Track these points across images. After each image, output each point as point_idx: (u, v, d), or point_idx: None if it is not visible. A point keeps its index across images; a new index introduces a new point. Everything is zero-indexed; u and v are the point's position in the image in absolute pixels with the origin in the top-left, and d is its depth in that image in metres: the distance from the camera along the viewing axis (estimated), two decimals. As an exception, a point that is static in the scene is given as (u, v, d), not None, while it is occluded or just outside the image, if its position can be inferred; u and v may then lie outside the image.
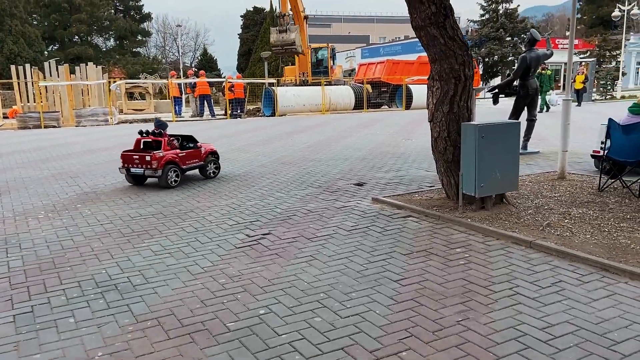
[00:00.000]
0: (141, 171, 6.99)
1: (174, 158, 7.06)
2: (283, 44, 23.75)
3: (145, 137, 7.46)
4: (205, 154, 7.66)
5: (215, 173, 7.80)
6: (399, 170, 8.05)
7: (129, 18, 68.69)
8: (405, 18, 28.07)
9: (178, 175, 7.15)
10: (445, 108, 5.26)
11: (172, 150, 7.14)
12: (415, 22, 5.21)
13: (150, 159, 6.83)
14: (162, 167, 6.87)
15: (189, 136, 7.77)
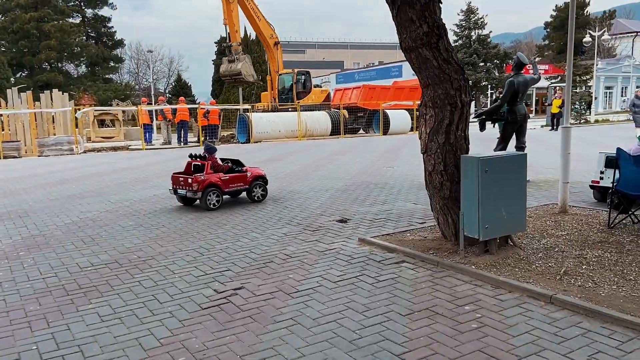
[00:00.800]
0: (185, 192, 7.38)
1: (216, 181, 7.36)
2: (231, 74, 23.83)
3: (195, 160, 7.81)
4: (252, 178, 7.79)
5: (262, 197, 7.87)
6: (384, 202, 7.43)
7: (101, 44, 67.72)
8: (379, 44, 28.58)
9: (219, 196, 7.38)
10: (441, 138, 4.67)
11: (216, 173, 7.43)
12: (405, 43, 4.65)
13: (192, 182, 7.22)
14: (203, 190, 7.20)
15: (236, 160, 8.04)
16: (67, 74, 61.96)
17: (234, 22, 23.52)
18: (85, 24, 68.38)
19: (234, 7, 23.50)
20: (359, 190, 8.55)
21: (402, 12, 4.56)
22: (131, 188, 9.57)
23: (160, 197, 8.51)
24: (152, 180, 10.51)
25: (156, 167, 12.95)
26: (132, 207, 7.66)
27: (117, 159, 16.06)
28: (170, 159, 15.22)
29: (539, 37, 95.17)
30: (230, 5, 23.38)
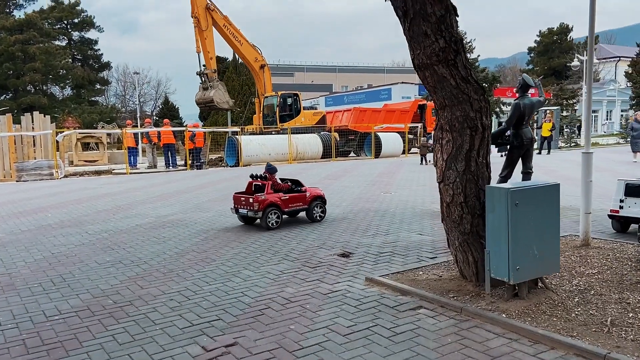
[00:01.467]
0: (246, 212, 7.47)
1: (276, 201, 7.43)
2: (204, 101, 23.59)
3: (255, 181, 7.91)
4: (311, 198, 7.83)
5: (321, 217, 7.90)
6: (387, 233, 6.87)
7: (87, 67, 67.22)
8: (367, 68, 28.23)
9: (279, 217, 7.44)
10: (460, 166, 4.15)
11: (276, 193, 7.52)
12: (418, 59, 4.16)
13: (253, 201, 7.33)
14: (263, 209, 7.26)
15: (296, 180, 8.13)
16: (51, 97, 61.15)
17: (207, 49, 23.22)
18: (71, 47, 67.95)
19: (208, 34, 23.24)
20: (359, 219, 7.98)
21: (415, 25, 4.08)
22: (112, 217, 8.90)
23: (143, 227, 7.85)
24: (135, 208, 9.85)
25: (140, 193, 12.28)
26: (112, 240, 7.00)
27: (99, 184, 15.34)
28: (155, 184, 14.56)
29: (522, 62, 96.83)
30: (204, 33, 23.06)
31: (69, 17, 65.96)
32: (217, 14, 23.81)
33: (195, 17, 23.08)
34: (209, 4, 23.35)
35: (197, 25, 23.12)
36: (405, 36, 4.22)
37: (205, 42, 23.12)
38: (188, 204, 10.26)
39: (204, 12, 23.09)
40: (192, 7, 23.14)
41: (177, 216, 8.78)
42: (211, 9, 23.41)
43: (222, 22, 24.10)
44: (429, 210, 8.62)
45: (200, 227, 7.70)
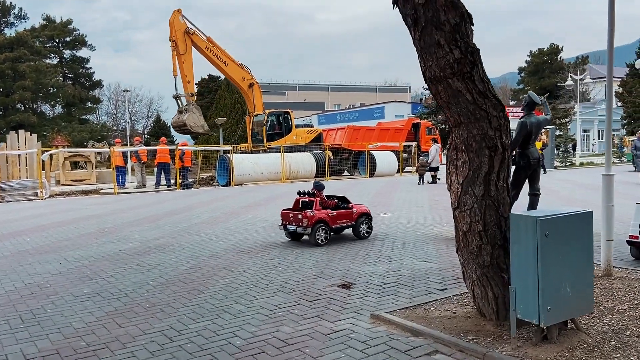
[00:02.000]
0: (295, 228, 7.52)
1: (324, 217, 7.46)
2: (179, 124, 23.28)
3: (303, 197, 7.93)
4: (357, 215, 7.82)
5: (367, 233, 7.90)
6: (390, 260, 6.39)
7: (79, 85, 66.81)
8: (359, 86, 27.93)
9: (327, 234, 7.47)
10: (479, 190, 3.71)
11: (324, 210, 7.56)
12: (430, 72, 3.75)
13: (302, 217, 7.36)
14: (312, 226, 7.30)
15: (343, 197, 8.16)
16: (41, 115, 60.57)
17: (185, 73, 22.90)
18: (62, 65, 67.62)
19: (186, 57, 22.92)
20: (358, 243, 7.50)
21: (427, 34, 3.68)
22: (94, 241, 8.35)
23: (127, 253, 7.32)
24: (121, 231, 9.30)
25: (127, 215, 11.73)
26: (92, 268, 6.46)
27: (85, 204, 14.77)
28: (143, 205, 14.02)
29: (512, 82, 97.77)
30: (182, 56, 22.71)
31: (61, 35, 65.74)
32: (197, 37, 23.47)
33: (173, 40, 22.74)
34: (188, 28, 23.07)
35: (174, 48, 22.77)
36: (416, 47, 3.82)
37: (182, 65, 22.78)
38: (176, 226, 9.74)
39: (182, 36, 22.81)
40: (171, 31, 22.84)
41: (164, 240, 8.26)
42: (191, 33, 23.09)
43: (205, 45, 23.81)
44: (432, 234, 8.16)
45: (188, 253, 7.18)
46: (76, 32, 67.72)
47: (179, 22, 22.86)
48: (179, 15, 23.07)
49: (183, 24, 22.99)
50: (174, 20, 22.85)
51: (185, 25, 23.04)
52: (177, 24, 22.82)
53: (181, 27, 22.88)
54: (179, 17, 23.03)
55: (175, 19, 22.89)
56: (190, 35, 23.09)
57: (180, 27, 22.84)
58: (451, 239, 7.69)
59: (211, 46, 24.12)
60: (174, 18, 22.90)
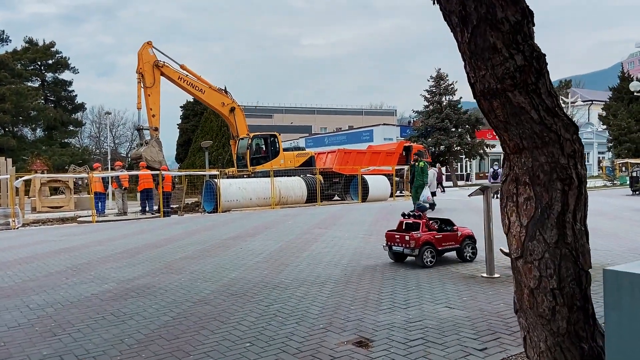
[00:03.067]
0: (401, 249, 7.66)
1: (431, 239, 7.54)
2: (136, 157, 22.64)
3: (407, 219, 8.04)
4: (462, 238, 7.88)
5: (472, 256, 7.92)
6: (406, 304, 5.51)
7: (60, 108, 65.57)
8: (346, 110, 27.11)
9: (434, 256, 7.52)
10: (550, 235, 2.88)
11: (431, 232, 7.63)
12: (482, 84, 2.95)
13: (409, 239, 7.49)
14: (419, 247, 7.41)
15: (447, 220, 8.18)
16: (21, 138, 59.04)
17: (150, 106, 22.04)
18: (44, 88, 66.44)
19: (153, 91, 22.05)
20: (366, 283, 6.60)
21: (480, 35, 2.89)
22: (64, 282, 7.33)
23: (100, 297, 6.32)
24: (94, 269, 8.28)
25: (104, 248, 10.69)
26: (57, 318, 5.46)
27: (59, 235, 13.66)
28: (123, 236, 12.96)
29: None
30: (148, 90, 21.83)
31: (43, 58, 64.74)
32: (168, 69, 22.64)
33: (139, 72, 21.87)
34: (158, 61, 22.23)
35: (140, 81, 21.88)
36: (463, 52, 3.02)
37: (148, 99, 21.90)
38: (157, 262, 8.74)
39: (150, 68, 21.94)
40: (139, 63, 21.96)
41: (144, 280, 7.27)
42: (160, 66, 22.26)
43: (177, 75, 23.01)
44: (446, 270, 7.31)
45: (171, 298, 6.21)
46: (59, 54, 66.76)
47: (147, 55, 22.03)
48: (149, 47, 22.24)
49: (152, 56, 22.19)
50: (142, 52, 22.02)
51: (154, 58, 22.21)
52: (146, 56, 21.97)
53: (150, 59, 22.05)
54: (149, 49, 22.19)
55: (144, 51, 22.04)
56: (160, 67, 22.22)
57: (149, 59, 22.01)
58: (470, 276, 6.86)
59: (184, 76, 23.26)
60: (143, 50, 22.06)
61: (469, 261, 7.83)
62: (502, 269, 7.09)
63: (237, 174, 23.98)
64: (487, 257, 6.79)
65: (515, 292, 3.15)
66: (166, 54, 22.92)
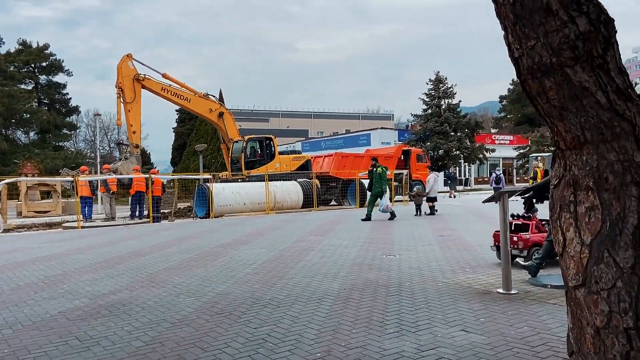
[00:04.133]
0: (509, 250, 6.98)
1: (540, 241, 7.28)
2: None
3: (516, 220, 7.84)
4: None
5: None
6: (416, 327, 4.79)
7: (54, 111, 64.74)
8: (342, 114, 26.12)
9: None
10: (624, 258, 2.17)
11: (539, 233, 7.45)
12: (531, 57, 2.25)
13: (517, 240, 7.40)
14: (528, 248, 7.30)
15: None
16: (13, 141, 58.12)
17: (131, 122, 21.10)
18: (38, 90, 65.59)
19: (133, 106, 21.10)
20: (368, 300, 5.87)
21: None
22: (31, 297, 6.57)
23: (68, 316, 5.56)
24: (68, 281, 7.52)
25: (83, 257, 9.93)
26: (14, 342, 4.71)
27: (40, 241, 12.88)
28: (106, 243, 12.20)
29: (492, 110, 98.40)
30: (128, 105, 20.88)
31: (37, 60, 63.96)
32: (150, 81, 21.69)
33: (119, 87, 20.95)
34: (138, 74, 21.27)
35: (120, 95, 20.96)
36: (504, 16, 2.32)
37: (128, 114, 20.95)
38: (139, 273, 7.98)
39: (130, 83, 20.98)
40: (118, 77, 20.97)
41: (120, 295, 6.52)
42: (141, 79, 21.30)
43: (160, 87, 22.06)
44: (456, 284, 6.59)
45: (147, 317, 5.46)
46: (53, 57, 65.97)
47: (127, 68, 21.06)
48: (129, 60, 21.23)
49: (132, 70, 21.22)
50: (122, 65, 21.02)
51: (134, 71, 21.25)
52: (126, 69, 21.00)
53: (130, 73, 21.09)
54: (129, 62, 21.19)
55: (124, 65, 21.06)
56: (141, 81, 21.30)
57: (128, 73, 21.04)
58: (484, 292, 6.15)
59: (167, 86, 22.33)
60: (122, 63, 21.06)
61: None
62: (519, 284, 6.39)
63: (231, 178, 23.26)
64: (503, 270, 6.08)
65: (571, 329, 2.43)
66: (147, 65, 21.99)
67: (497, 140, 51.93)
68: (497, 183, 24.86)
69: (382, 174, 15.65)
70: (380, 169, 15.81)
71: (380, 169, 15.81)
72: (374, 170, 15.90)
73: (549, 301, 5.65)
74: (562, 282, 6.49)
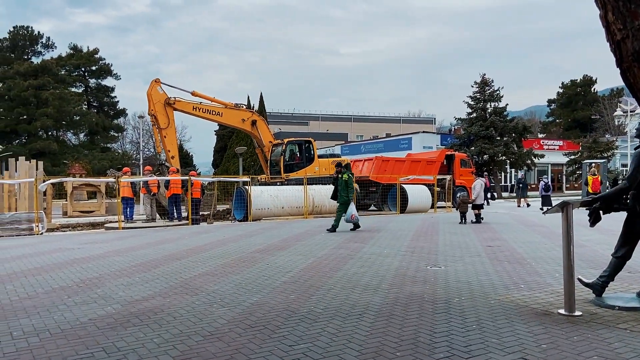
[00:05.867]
0: None
1: None
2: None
3: None
4: None
5: None
6: (469, 353, 4.28)
7: (102, 113, 66.92)
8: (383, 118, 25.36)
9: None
10: None
11: None
12: (638, 39, 1.74)
13: None
14: None
15: None
16: (63, 142, 60.32)
17: (168, 148, 21.09)
18: (87, 93, 67.97)
19: (169, 131, 21.08)
20: (413, 317, 5.39)
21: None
22: (64, 301, 6.42)
23: (98, 324, 5.34)
24: (103, 285, 7.37)
25: (120, 260, 9.85)
26: (37, 353, 4.50)
27: (81, 242, 12.98)
28: (144, 245, 12.15)
29: (539, 114, 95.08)
30: (163, 131, 20.85)
31: (87, 64, 66.34)
32: (181, 103, 21.65)
33: (152, 115, 20.96)
34: (168, 98, 21.22)
35: (154, 123, 20.97)
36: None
37: (164, 140, 20.94)
38: (174, 278, 7.76)
39: (162, 108, 20.95)
40: (149, 104, 21.00)
41: (153, 302, 6.28)
42: (172, 103, 21.26)
43: (191, 107, 22.01)
44: (511, 302, 6.00)
45: (179, 328, 5.17)
46: (102, 61, 68.28)
47: (157, 94, 21.03)
48: (157, 85, 21.23)
49: (162, 95, 21.19)
50: (151, 92, 21.00)
51: (164, 95, 21.22)
52: (156, 95, 20.98)
53: (160, 98, 21.07)
54: (157, 87, 21.18)
55: (153, 91, 21.04)
56: (172, 104, 21.30)
57: (159, 98, 21.02)
58: (543, 313, 5.56)
59: (198, 104, 22.28)
60: (152, 89, 21.05)
61: None
62: (582, 304, 5.75)
63: (270, 181, 23.11)
64: (566, 289, 5.47)
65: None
66: (175, 86, 21.98)
67: (545, 146, 49.96)
68: (545, 191, 23.70)
69: (348, 181, 14.41)
70: (346, 175, 14.50)
71: (346, 175, 14.50)
72: (339, 177, 14.59)
73: (618, 325, 5.02)
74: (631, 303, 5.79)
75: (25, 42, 62.52)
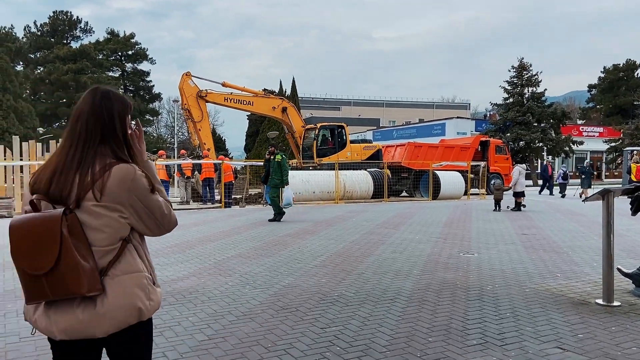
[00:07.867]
0: None
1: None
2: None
3: None
4: None
5: None
6: (502, 341, 4.25)
7: (139, 98, 68.26)
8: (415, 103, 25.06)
9: None
10: None
11: None
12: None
13: None
14: None
15: None
16: (100, 126, 61.96)
17: (204, 141, 21.20)
18: (124, 77, 69.37)
19: (203, 124, 21.21)
20: (446, 303, 5.36)
21: None
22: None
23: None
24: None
25: (158, 240, 10.08)
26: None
27: None
28: (181, 226, 12.36)
29: (579, 100, 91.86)
30: (197, 124, 20.95)
31: (124, 49, 67.58)
32: (213, 95, 21.71)
33: (186, 109, 21.03)
34: (200, 91, 21.20)
35: (188, 117, 21.06)
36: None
37: (199, 133, 21.06)
38: (208, 259, 7.93)
39: (195, 101, 20.98)
40: (182, 98, 21.11)
41: (188, 282, 6.44)
42: (204, 95, 21.28)
43: (222, 98, 22.09)
44: (546, 291, 5.89)
45: (213, 308, 5.29)
46: (138, 46, 69.41)
47: (189, 87, 21.06)
48: (189, 79, 21.22)
49: (194, 88, 21.21)
50: (183, 85, 21.02)
51: (196, 89, 21.25)
52: (188, 89, 21.01)
53: (192, 91, 21.12)
54: (189, 80, 21.19)
55: (185, 84, 21.06)
56: (204, 97, 21.35)
57: (191, 92, 21.07)
58: (580, 302, 5.43)
59: (229, 95, 22.36)
60: (183, 83, 21.06)
61: None
62: (621, 295, 5.60)
63: (301, 166, 23.22)
64: (604, 279, 5.33)
65: None
66: (205, 78, 22.05)
67: (585, 132, 48.37)
68: (564, 179, 23.77)
69: (281, 162, 13.27)
70: (279, 156, 13.39)
71: (279, 156, 13.39)
72: (271, 158, 13.57)
73: (659, 318, 4.87)
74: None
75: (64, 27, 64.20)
